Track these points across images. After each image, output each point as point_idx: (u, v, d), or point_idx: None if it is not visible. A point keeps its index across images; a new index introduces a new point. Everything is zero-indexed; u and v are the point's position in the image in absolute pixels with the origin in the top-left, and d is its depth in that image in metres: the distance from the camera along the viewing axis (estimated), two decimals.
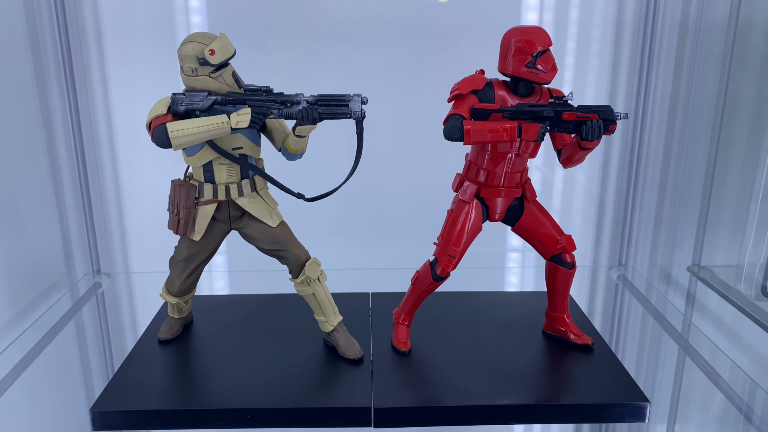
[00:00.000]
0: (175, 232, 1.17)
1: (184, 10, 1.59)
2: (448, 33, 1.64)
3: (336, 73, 1.67)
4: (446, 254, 1.17)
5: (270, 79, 1.48)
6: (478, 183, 1.17)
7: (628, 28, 1.67)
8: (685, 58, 1.62)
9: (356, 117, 1.10)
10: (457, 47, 1.65)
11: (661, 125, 1.70)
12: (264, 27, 1.60)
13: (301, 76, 1.66)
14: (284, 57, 1.64)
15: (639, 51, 1.66)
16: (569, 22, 1.65)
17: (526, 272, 1.85)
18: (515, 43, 1.08)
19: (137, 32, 1.61)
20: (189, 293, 1.25)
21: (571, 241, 1.21)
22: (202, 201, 1.15)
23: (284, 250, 1.17)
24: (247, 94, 1.09)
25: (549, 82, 1.10)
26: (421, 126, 1.67)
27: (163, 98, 1.11)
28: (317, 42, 1.62)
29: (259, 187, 1.18)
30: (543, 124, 1.06)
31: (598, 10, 1.66)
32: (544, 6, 1.62)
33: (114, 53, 1.63)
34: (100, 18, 1.61)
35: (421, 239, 1.47)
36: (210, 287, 1.79)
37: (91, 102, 1.66)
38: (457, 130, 1.07)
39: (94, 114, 1.67)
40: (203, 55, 1.06)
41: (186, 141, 1.06)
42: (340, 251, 1.76)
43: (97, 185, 1.72)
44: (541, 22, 1.65)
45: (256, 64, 1.62)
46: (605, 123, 1.06)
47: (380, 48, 1.63)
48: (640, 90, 1.66)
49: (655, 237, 1.77)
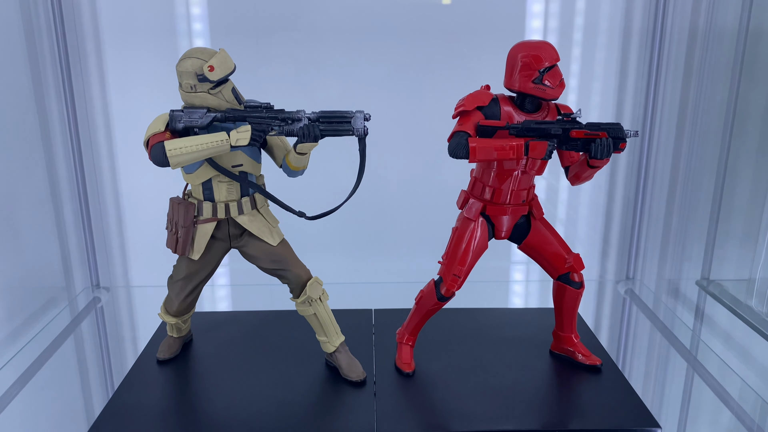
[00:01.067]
0: (173, 251, 1.14)
1: (186, 18, 1.57)
2: (452, 43, 1.62)
3: (338, 83, 1.65)
4: (451, 273, 1.14)
5: (272, 88, 1.60)
6: (484, 200, 1.14)
7: (636, 36, 1.65)
8: (694, 66, 1.60)
9: (358, 134, 1.07)
10: (462, 56, 1.63)
11: (669, 134, 1.68)
12: (266, 35, 1.59)
13: (303, 85, 1.64)
14: (286, 65, 1.62)
15: (647, 58, 1.64)
16: (574, 29, 1.64)
17: (531, 286, 1.82)
18: (522, 58, 1.05)
19: (138, 41, 1.60)
20: (188, 313, 1.22)
21: (579, 260, 1.18)
22: (201, 219, 1.12)
23: (285, 269, 1.14)
24: (247, 110, 1.07)
25: (557, 99, 1.07)
26: (425, 136, 1.65)
27: (161, 115, 1.08)
28: (320, 51, 1.61)
29: (259, 205, 1.15)
30: (550, 141, 1.04)
31: (604, 17, 1.64)
32: (548, 13, 1.61)
33: (114, 62, 1.62)
34: (99, 28, 1.59)
35: (425, 253, 1.47)
36: (212, 301, 1.77)
37: (90, 112, 1.64)
38: (462, 147, 1.04)
39: (93, 125, 1.66)
40: (202, 71, 1.03)
41: (184, 159, 1.03)
42: (342, 265, 1.74)
43: (96, 197, 1.70)
44: (546, 30, 1.63)
45: (258, 72, 1.61)
46: (615, 141, 1.03)
47: (383, 57, 1.63)
48: (648, 98, 1.64)
49: (664, 249, 1.74)
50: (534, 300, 1.80)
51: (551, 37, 1.64)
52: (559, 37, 1.64)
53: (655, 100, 1.64)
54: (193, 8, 1.55)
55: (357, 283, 1.73)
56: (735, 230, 1.55)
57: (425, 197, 1.74)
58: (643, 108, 1.66)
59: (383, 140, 1.47)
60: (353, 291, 1.68)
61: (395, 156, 1.70)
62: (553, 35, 1.64)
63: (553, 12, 1.61)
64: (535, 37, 1.64)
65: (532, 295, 1.80)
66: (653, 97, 1.64)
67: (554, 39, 1.64)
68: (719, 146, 1.54)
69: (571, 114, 1.05)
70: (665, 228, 1.73)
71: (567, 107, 1.12)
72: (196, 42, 1.59)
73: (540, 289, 1.81)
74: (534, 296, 1.80)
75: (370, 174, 1.15)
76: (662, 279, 1.75)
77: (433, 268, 1.21)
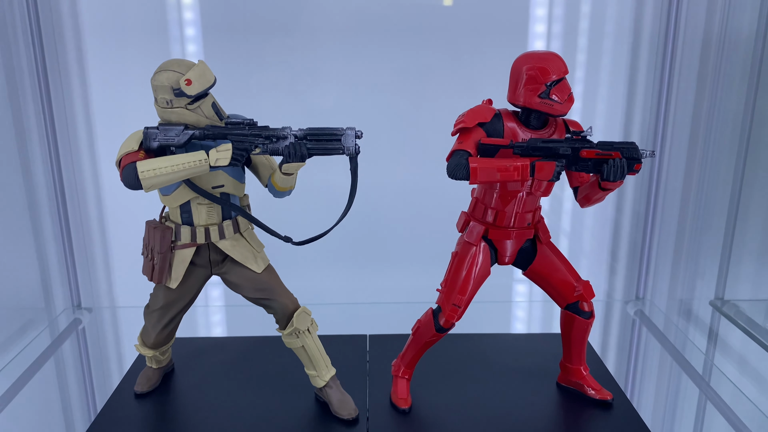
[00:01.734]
0: (149, 278, 1.06)
1: (178, 23, 1.52)
2: (453, 48, 1.56)
3: (334, 90, 1.59)
4: (450, 303, 1.06)
5: (265, 96, 1.55)
6: (486, 223, 1.06)
7: (645, 41, 1.58)
8: (708, 73, 1.53)
9: (349, 153, 0.99)
10: (463, 64, 1.57)
11: (682, 144, 1.60)
12: (260, 40, 1.54)
13: (298, 93, 1.58)
14: (281, 72, 1.56)
15: (658, 65, 1.56)
16: (579, 33, 1.58)
17: (534, 307, 1.74)
18: (527, 71, 0.97)
19: (127, 47, 1.53)
20: (167, 344, 1.14)
21: (589, 288, 1.09)
22: (179, 245, 1.04)
23: (270, 299, 1.06)
24: (228, 127, 0.99)
25: (565, 114, 0.99)
26: (425, 146, 1.60)
27: (135, 132, 1.00)
28: (315, 57, 1.55)
29: (242, 228, 1.07)
30: (559, 162, 0.96)
31: (610, 21, 1.58)
32: (552, 17, 1.55)
33: (98, 69, 1.55)
34: (81, 34, 1.52)
35: (424, 270, 1.41)
36: (206, 322, 1.69)
37: (72, 120, 1.57)
38: (462, 168, 0.96)
39: (74, 133, 1.58)
40: (178, 86, 0.95)
41: (159, 182, 0.95)
42: (334, 284, 1.67)
43: (77, 210, 1.62)
44: (550, 34, 1.58)
45: (251, 79, 1.55)
46: (629, 162, 0.95)
47: (382, 63, 1.56)
48: (660, 106, 1.57)
49: (675, 267, 1.66)
50: (537, 321, 1.72)
51: (555, 42, 1.58)
52: (562, 43, 1.58)
53: (667, 109, 1.56)
54: (186, 13, 1.50)
55: (350, 304, 1.65)
56: (751, 247, 1.48)
57: (424, 211, 1.66)
58: (654, 116, 1.58)
59: (380, 150, 1.41)
60: (346, 312, 1.61)
61: (392, 166, 1.63)
62: (557, 40, 1.58)
63: (557, 15, 1.55)
64: (539, 42, 1.58)
65: (535, 319, 1.73)
66: (665, 105, 1.56)
67: (558, 44, 1.58)
68: (735, 157, 1.47)
69: (581, 131, 0.97)
70: (677, 244, 1.65)
71: (576, 123, 1.04)
72: (188, 47, 1.54)
73: (543, 310, 1.73)
74: (537, 320, 1.73)
75: (364, 186, 1.10)
76: (673, 299, 1.67)
77: (432, 285, 1.14)
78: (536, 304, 1.74)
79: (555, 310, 1.61)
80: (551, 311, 1.66)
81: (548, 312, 1.70)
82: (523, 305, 1.75)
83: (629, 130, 1.65)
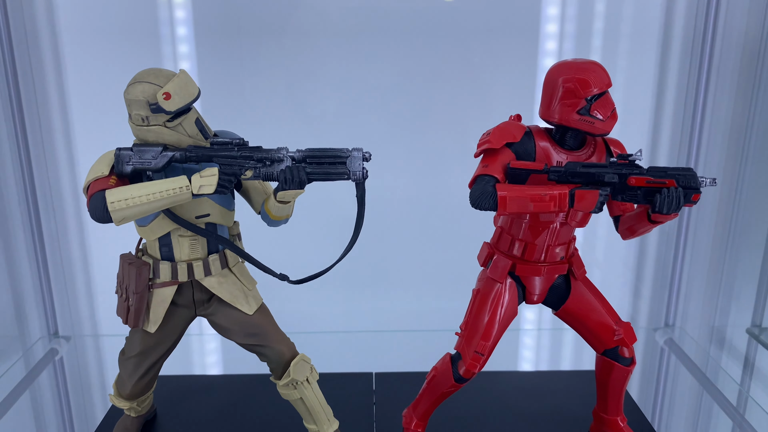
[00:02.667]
0: (124, 321, 0.93)
1: (169, 22, 1.43)
2: (459, 50, 1.46)
3: (335, 96, 1.49)
4: (472, 350, 0.92)
5: (261, 102, 1.47)
6: (513, 257, 0.93)
7: (677, 41, 1.48)
8: (749, 78, 1.41)
9: (356, 179, 0.86)
10: (471, 66, 1.48)
11: (719, 156, 1.49)
12: (254, 44, 1.45)
13: (295, 99, 1.48)
14: (277, 76, 1.47)
15: (693, 69, 1.45)
16: (593, 34, 1.49)
17: (543, 336, 1.61)
18: (564, 83, 0.84)
19: (108, 46, 1.42)
20: (146, 393, 1.00)
21: (630, 332, 0.96)
22: (157, 283, 0.91)
23: (263, 345, 0.93)
24: (214, 148, 0.86)
25: (608, 133, 0.86)
26: (435, 155, 1.52)
27: (106, 153, 0.87)
28: (314, 61, 1.47)
29: (231, 263, 0.94)
30: (602, 190, 0.82)
31: (627, 21, 1.48)
32: (565, 17, 1.47)
33: (77, 70, 1.44)
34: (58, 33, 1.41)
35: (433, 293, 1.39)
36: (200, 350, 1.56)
37: (47, 129, 1.45)
38: (489, 196, 0.83)
39: (50, 144, 1.46)
40: (155, 100, 0.82)
41: (132, 214, 0.82)
42: (333, 308, 1.56)
43: (53, 229, 1.50)
44: (562, 35, 1.48)
45: (246, 84, 1.47)
46: (686, 191, 0.81)
47: (385, 66, 1.47)
48: (696, 114, 1.45)
49: (709, 291, 1.54)
50: (545, 351, 1.59)
51: (567, 43, 1.49)
52: (576, 43, 1.49)
53: (702, 117, 1.45)
54: (177, 12, 1.42)
55: (352, 332, 1.53)
56: None
57: (433, 227, 1.55)
58: (690, 125, 1.46)
59: (385, 159, 1.31)
60: (347, 342, 1.50)
61: (398, 177, 1.53)
62: (569, 41, 1.49)
63: (570, 15, 1.47)
64: (550, 43, 1.48)
65: (544, 348, 1.60)
66: (701, 113, 1.44)
67: (571, 45, 1.49)
68: None
69: (628, 155, 0.83)
70: (711, 266, 1.53)
71: (619, 143, 0.91)
72: (180, 49, 1.44)
73: (551, 338, 1.60)
74: (545, 347, 1.59)
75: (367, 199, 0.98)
76: (707, 326, 1.56)
77: (443, 309, 1.04)
78: (545, 332, 1.63)
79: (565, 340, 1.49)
80: (560, 340, 1.58)
81: (557, 340, 1.60)
82: (531, 333, 1.62)
83: (656, 140, 1.54)
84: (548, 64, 1.51)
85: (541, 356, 1.57)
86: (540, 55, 1.46)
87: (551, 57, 1.46)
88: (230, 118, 1.47)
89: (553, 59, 1.45)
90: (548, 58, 1.46)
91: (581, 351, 1.51)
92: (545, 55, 1.46)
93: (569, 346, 1.56)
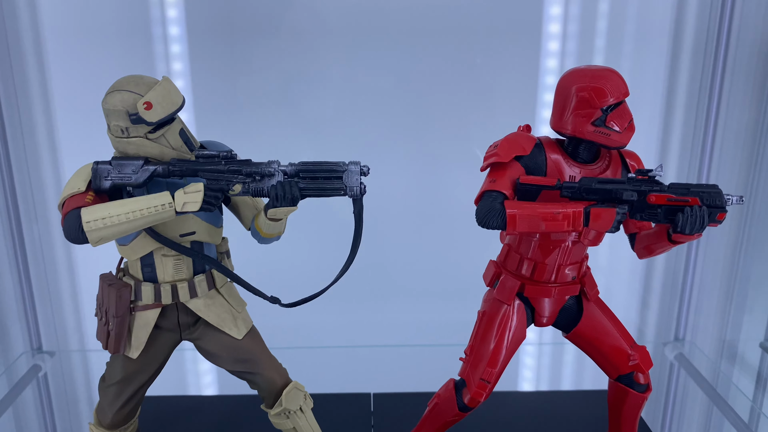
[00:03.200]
0: (104, 346, 0.87)
1: (161, 22, 1.40)
2: (459, 50, 1.43)
3: (331, 98, 1.45)
4: (478, 377, 0.86)
5: (256, 104, 1.44)
6: (521, 277, 0.87)
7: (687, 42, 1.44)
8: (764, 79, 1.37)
9: (353, 195, 0.80)
10: (472, 67, 1.44)
11: (731, 163, 1.44)
12: (249, 43, 1.42)
13: (291, 101, 1.45)
14: (272, 77, 1.43)
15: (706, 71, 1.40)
16: (596, 34, 1.45)
17: (543, 351, 1.56)
18: (578, 91, 0.78)
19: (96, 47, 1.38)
20: (128, 422, 0.93)
21: (646, 357, 0.90)
22: (140, 305, 0.85)
23: (253, 372, 0.87)
24: (199, 162, 0.80)
25: (625, 146, 0.80)
26: (432, 161, 1.48)
27: (83, 167, 0.82)
28: (311, 61, 1.43)
29: (219, 284, 0.88)
30: (620, 208, 0.76)
31: (631, 20, 1.44)
32: (568, 16, 1.43)
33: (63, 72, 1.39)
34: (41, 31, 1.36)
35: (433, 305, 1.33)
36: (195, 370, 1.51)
37: (29, 134, 1.40)
38: (497, 214, 0.77)
39: (33, 148, 1.41)
40: (136, 110, 0.76)
41: (109, 234, 0.76)
42: (329, 321, 1.50)
43: (36, 239, 1.44)
44: (565, 35, 1.45)
45: (237, 85, 1.43)
46: (710, 210, 0.75)
47: (385, 67, 1.44)
48: (709, 117, 1.40)
49: (722, 303, 1.49)
50: (546, 370, 1.54)
51: (570, 43, 1.45)
52: (578, 43, 1.45)
53: (716, 122, 1.40)
54: (169, 11, 1.39)
55: (348, 347, 1.48)
56: None
57: (433, 235, 1.51)
58: (702, 129, 1.41)
59: (386, 166, 1.31)
60: (344, 357, 1.45)
61: (397, 183, 1.49)
62: (572, 41, 1.45)
63: (573, 15, 1.44)
64: (553, 43, 1.44)
65: (544, 366, 1.55)
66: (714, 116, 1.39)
67: (574, 45, 1.45)
68: None
69: (648, 171, 0.77)
70: (724, 276, 1.48)
71: (635, 155, 0.85)
72: (172, 48, 1.40)
73: (553, 354, 1.55)
74: (546, 367, 1.54)
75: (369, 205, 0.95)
76: (719, 340, 1.51)
77: (444, 322, 1.02)
78: (545, 347, 1.58)
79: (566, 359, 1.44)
80: (561, 356, 1.53)
81: (558, 357, 1.55)
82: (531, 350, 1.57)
83: (665, 147, 1.49)
84: (551, 65, 1.47)
85: (541, 375, 1.53)
86: (542, 56, 1.43)
87: (553, 57, 1.43)
88: (224, 121, 1.45)
89: (555, 60, 1.42)
90: (550, 58, 1.43)
91: (582, 367, 1.49)
92: (547, 56, 1.43)
93: (570, 362, 1.52)
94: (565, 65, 1.43)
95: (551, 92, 1.53)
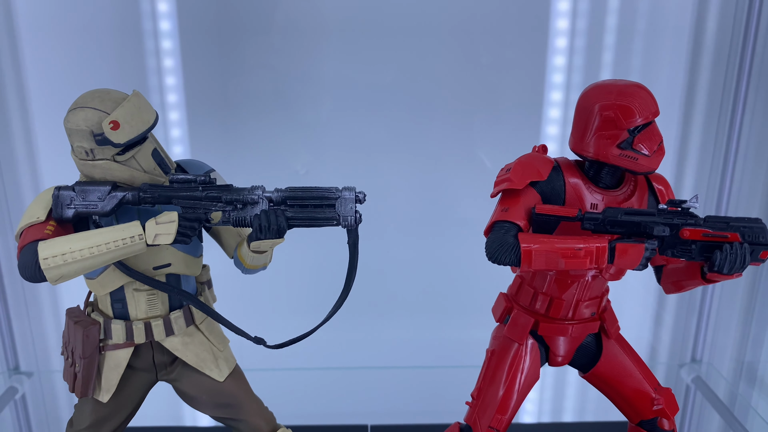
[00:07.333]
0: (71, 389, 0.78)
1: (151, 16, 1.37)
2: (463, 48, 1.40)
3: (327, 99, 1.42)
4: (486, 424, 0.79)
5: (247, 101, 1.41)
6: (535, 314, 0.79)
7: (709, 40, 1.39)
8: None
9: (346, 225, 0.72)
10: (477, 65, 1.40)
11: (755, 173, 1.38)
12: (243, 39, 1.38)
13: (284, 103, 1.41)
14: (264, 77, 1.40)
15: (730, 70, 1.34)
16: (606, 30, 1.42)
17: (545, 378, 1.48)
18: (602, 110, 0.70)
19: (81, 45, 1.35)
20: None
21: (672, 400, 0.83)
22: (110, 344, 0.76)
23: (236, 419, 0.80)
24: (173, 187, 0.71)
25: (653, 171, 0.71)
26: (433, 168, 1.44)
27: (44, 192, 0.74)
28: (307, 59, 1.40)
29: (198, 320, 0.80)
30: (649, 243, 0.68)
31: (642, 17, 1.40)
32: (576, 12, 1.41)
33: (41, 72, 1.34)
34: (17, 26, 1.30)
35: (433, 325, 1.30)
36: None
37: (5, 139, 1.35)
38: (510, 249, 0.69)
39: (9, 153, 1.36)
40: (101, 130, 0.68)
41: (70, 271, 0.68)
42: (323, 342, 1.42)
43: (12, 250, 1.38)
44: (574, 32, 1.41)
45: (230, 82, 1.40)
46: (753, 248, 0.67)
47: (385, 65, 1.41)
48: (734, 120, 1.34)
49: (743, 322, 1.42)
50: (549, 390, 1.48)
51: (579, 40, 1.40)
52: (587, 40, 1.41)
53: (741, 123, 1.33)
54: (160, 5, 1.36)
55: (344, 369, 1.42)
56: None
57: (434, 250, 1.47)
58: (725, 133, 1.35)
59: (383, 173, 1.30)
60: (339, 380, 1.40)
61: (401, 191, 1.46)
62: (581, 38, 1.41)
63: (582, 10, 1.41)
64: (561, 40, 1.39)
65: (547, 388, 1.48)
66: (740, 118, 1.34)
67: (582, 41, 1.41)
68: None
69: (680, 201, 0.68)
70: (744, 292, 1.42)
71: (662, 179, 0.77)
72: (163, 44, 1.36)
73: (555, 381, 1.48)
74: (548, 389, 1.48)
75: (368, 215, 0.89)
76: (738, 361, 1.44)
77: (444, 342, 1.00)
78: (547, 374, 1.51)
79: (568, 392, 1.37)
80: (563, 387, 1.47)
81: (560, 379, 1.49)
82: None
83: (683, 157, 1.44)
84: (558, 63, 1.42)
85: (543, 406, 1.47)
86: (549, 53, 1.38)
87: (561, 55, 1.39)
88: (217, 119, 1.39)
89: (563, 57, 1.38)
90: (558, 56, 1.39)
91: (585, 399, 1.44)
92: (555, 53, 1.38)
93: (572, 394, 1.47)
94: (573, 63, 1.38)
95: (558, 91, 1.48)
